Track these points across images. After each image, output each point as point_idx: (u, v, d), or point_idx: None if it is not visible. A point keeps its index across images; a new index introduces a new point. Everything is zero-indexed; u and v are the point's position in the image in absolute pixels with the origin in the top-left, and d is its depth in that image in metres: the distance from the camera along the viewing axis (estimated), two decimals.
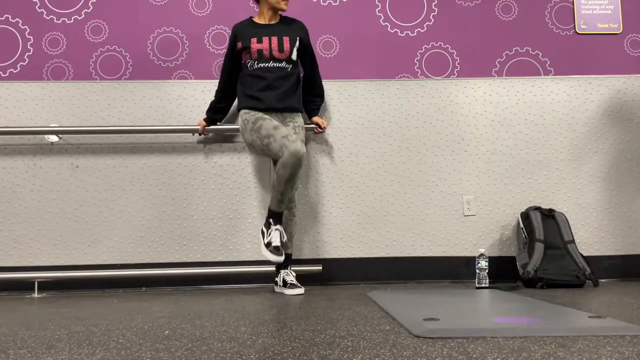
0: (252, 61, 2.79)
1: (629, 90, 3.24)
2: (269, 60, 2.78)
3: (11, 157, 3.05)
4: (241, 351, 1.34)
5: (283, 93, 2.79)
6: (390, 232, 3.12)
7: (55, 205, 3.04)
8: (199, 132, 3.00)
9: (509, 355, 1.25)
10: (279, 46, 2.79)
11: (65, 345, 1.48)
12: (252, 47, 2.77)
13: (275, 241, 2.62)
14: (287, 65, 2.80)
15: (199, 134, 3.02)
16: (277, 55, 2.78)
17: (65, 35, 3.16)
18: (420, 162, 3.16)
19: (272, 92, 2.77)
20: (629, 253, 3.14)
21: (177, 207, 3.07)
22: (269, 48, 2.77)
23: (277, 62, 2.79)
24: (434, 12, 3.28)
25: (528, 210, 3.01)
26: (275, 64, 2.78)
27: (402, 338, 1.47)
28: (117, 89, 3.12)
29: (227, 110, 3.03)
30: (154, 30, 3.19)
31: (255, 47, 2.77)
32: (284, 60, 2.80)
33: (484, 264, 2.75)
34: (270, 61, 2.78)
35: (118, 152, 3.09)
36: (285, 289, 2.68)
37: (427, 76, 3.23)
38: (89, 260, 3.02)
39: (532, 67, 3.26)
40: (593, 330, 1.50)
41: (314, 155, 3.14)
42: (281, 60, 2.79)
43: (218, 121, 3.03)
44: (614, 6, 3.30)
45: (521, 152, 3.19)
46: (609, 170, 3.19)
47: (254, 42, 2.78)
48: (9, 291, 2.97)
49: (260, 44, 2.78)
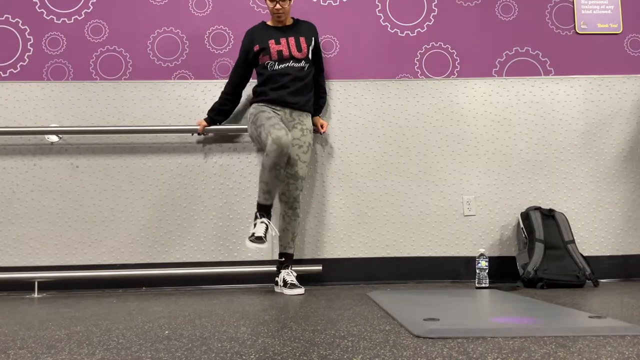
0: (272, 62, 2.82)
1: (629, 90, 3.24)
2: (288, 60, 2.83)
3: (11, 157, 3.05)
4: (241, 351, 1.34)
5: (298, 90, 2.83)
6: (390, 232, 3.12)
7: (55, 205, 3.04)
8: (198, 132, 3.00)
9: (509, 355, 1.25)
10: (297, 46, 2.84)
11: (65, 345, 1.48)
12: (271, 48, 2.82)
13: (259, 232, 2.60)
14: (305, 64, 2.86)
15: (198, 133, 3.02)
16: (297, 55, 2.83)
17: (65, 35, 3.16)
18: (420, 162, 3.16)
19: (288, 90, 2.81)
20: (629, 253, 3.14)
21: (177, 207, 3.07)
22: (288, 48, 2.83)
23: (296, 62, 2.84)
24: (434, 12, 3.28)
25: (528, 210, 3.01)
26: (295, 64, 2.83)
27: (402, 338, 1.47)
28: (117, 89, 3.12)
29: (230, 113, 3.04)
30: (154, 30, 3.19)
31: (275, 48, 2.82)
32: (302, 60, 2.85)
33: (484, 264, 2.75)
34: (290, 61, 2.83)
35: (118, 152, 3.09)
36: (285, 289, 2.68)
37: (427, 76, 3.23)
38: (89, 260, 3.02)
39: (532, 67, 3.26)
40: (593, 330, 1.50)
41: (314, 155, 3.14)
42: (300, 60, 2.84)
43: (219, 122, 3.03)
44: (614, 6, 3.30)
45: (521, 152, 3.19)
46: (609, 170, 3.19)
47: (272, 43, 2.83)
48: (9, 291, 2.97)
49: (279, 45, 2.83)
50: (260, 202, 2.68)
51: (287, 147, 2.58)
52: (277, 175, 2.63)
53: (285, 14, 2.85)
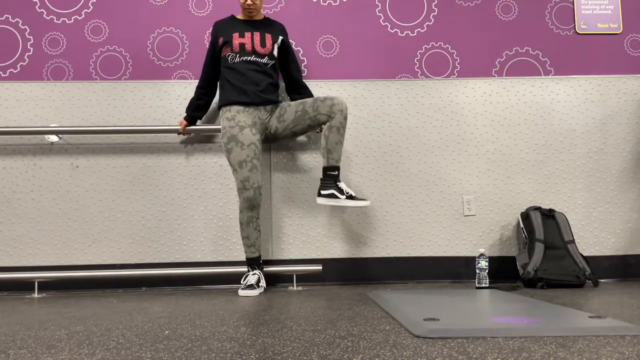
0: (232, 54, 2.80)
1: (629, 90, 3.24)
2: (250, 54, 2.80)
3: (11, 157, 3.05)
4: (241, 351, 1.34)
5: (263, 88, 2.80)
6: (390, 232, 3.12)
7: (55, 205, 3.04)
8: (179, 131, 2.99)
9: (509, 355, 1.25)
10: (261, 42, 2.82)
11: (65, 345, 1.48)
12: (233, 41, 2.80)
13: (250, 282, 2.71)
14: (268, 61, 2.83)
15: (178, 133, 3.01)
16: (259, 50, 2.81)
17: (65, 35, 3.16)
18: (420, 162, 3.16)
19: (252, 87, 2.78)
20: (629, 253, 3.14)
21: (177, 207, 3.07)
22: (251, 43, 2.81)
23: (259, 57, 2.81)
24: (434, 12, 3.28)
25: (528, 210, 3.01)
26: (257, 59, 2.80)
27: (402, 338, 1.47)
28: (117, 89, 3.12)
29: (207, 107, 3.00)
30: (154, 30, 3.19)
31: (237, 41, 2.80)
32: (265, 56, 2.82)
33: (484, 264, 2.75)
34: (252, 55, 2.80)
35: (118, 152, 3.09)
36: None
37: (427, 76, 3.23)
38: (89, 260, 3.02)
39: (532, 67, 3.26)
40: (593, 330, 1.50)
41: (314, 155, 3.14)
42: (263, 56, 2.81)
43: (198, 119, 3.02)
44: (614, 6, 3.30)
45: (521, 152, 3.19)
46: (609, 170, 3.19)
47: (235, 36, 2.81)
48: (9, 291, 2.97)
49: (242, 39, 2.81)
50: (248, 257, 2.78)
51: (258, 200, 2.72)
52: (255, 227, 2.76)
53: (256, 9, 2.83)
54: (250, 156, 2.72)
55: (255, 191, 2.72)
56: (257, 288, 2.68)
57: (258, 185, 2.73)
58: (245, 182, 2.71)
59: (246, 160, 2.71)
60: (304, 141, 3.15)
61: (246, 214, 2.73)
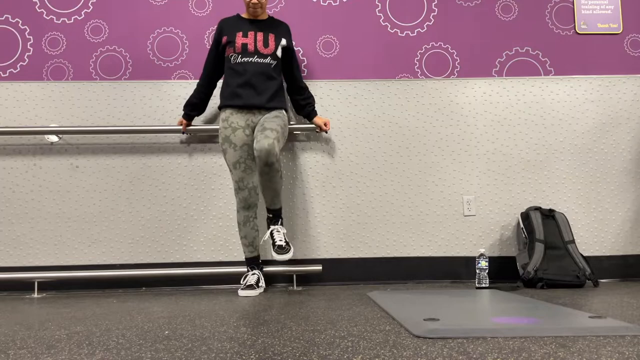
0: (235, 54, 2.78)
1: (629, 90, 3.24)
2: (253, 55, 2.78)
3: (11, 157, 3.05)
4: (241, 351, 1.34)
5: (262, 86, 2.78)
6: (390, 232, 3.12)
7: (55, 205, 3.04)
8: (182, 131, 2.99)
9: (509, 355, 1.25)
10: (265, 42, 2.80)
11: (65, 345, 1.48)
12: (236, 40, 2.78)
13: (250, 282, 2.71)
14: (271, 62, 2.81)
15: (182, 133, 3.01)
16: (262, 51, 2.79)
17: (65, 35, 3.16)
18: (420, 162, 3.16)
19: (252, 90, 2.77)
20: (629, 253, 3.14)
21: (177, 207, 3.07)
22: (254, 43, 2.79)
23: (261, 58, 2.79)
24: (434, 12, 3.28)
25: (528, 210, 3.01)
26: (260, 59, 2.78)
27: (402, 338, 1.47)
28: (117, 89, 3.12)
29: (205, 104, 2.98)
30: (154, 30, 3.19)
31: (240, 41, 2.78)
32: (268, 56, 2.80)
33: (484, 264, 2.75)
34: (254, 56, 2.78)
35: (118, 152, 3.09)
36: (274, 250, 2.68)
37: (427, 76, 3.23)
38: (89, 260, 3.02)
39: (532, 67, 3.26)
40: (593, 330, 1.50)
41: (314, 155, 3.14)
42: (265, 56, 2.79)
43: (196, 116, 3.01)
44: (614, 6, 3.30)
45: (521, 152, 3.19)
46: (609, 170, 3.19)
47: (239, 36, 2.80)
48: (9, 291, 2.97)
49: (245, 38, 2.79)
50: (247, 257, 2.79)
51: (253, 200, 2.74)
52: (253, 227, 2.76)
53: (261, 7, 2.81)
54: (244, 157, 2.73)
55: (250, 191, 2.73)
56: (257, 288, 2.68)
57: (253, 185, 2.73)
58: (240, 183, 2.72)
59: (239, 161, 2.72)
60: (304, 141, 3.15)
61: (243, 213, 2.75)
